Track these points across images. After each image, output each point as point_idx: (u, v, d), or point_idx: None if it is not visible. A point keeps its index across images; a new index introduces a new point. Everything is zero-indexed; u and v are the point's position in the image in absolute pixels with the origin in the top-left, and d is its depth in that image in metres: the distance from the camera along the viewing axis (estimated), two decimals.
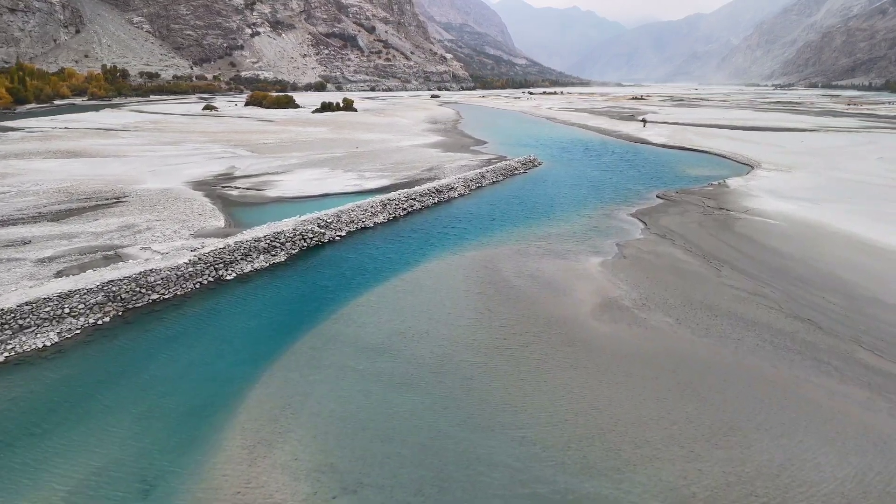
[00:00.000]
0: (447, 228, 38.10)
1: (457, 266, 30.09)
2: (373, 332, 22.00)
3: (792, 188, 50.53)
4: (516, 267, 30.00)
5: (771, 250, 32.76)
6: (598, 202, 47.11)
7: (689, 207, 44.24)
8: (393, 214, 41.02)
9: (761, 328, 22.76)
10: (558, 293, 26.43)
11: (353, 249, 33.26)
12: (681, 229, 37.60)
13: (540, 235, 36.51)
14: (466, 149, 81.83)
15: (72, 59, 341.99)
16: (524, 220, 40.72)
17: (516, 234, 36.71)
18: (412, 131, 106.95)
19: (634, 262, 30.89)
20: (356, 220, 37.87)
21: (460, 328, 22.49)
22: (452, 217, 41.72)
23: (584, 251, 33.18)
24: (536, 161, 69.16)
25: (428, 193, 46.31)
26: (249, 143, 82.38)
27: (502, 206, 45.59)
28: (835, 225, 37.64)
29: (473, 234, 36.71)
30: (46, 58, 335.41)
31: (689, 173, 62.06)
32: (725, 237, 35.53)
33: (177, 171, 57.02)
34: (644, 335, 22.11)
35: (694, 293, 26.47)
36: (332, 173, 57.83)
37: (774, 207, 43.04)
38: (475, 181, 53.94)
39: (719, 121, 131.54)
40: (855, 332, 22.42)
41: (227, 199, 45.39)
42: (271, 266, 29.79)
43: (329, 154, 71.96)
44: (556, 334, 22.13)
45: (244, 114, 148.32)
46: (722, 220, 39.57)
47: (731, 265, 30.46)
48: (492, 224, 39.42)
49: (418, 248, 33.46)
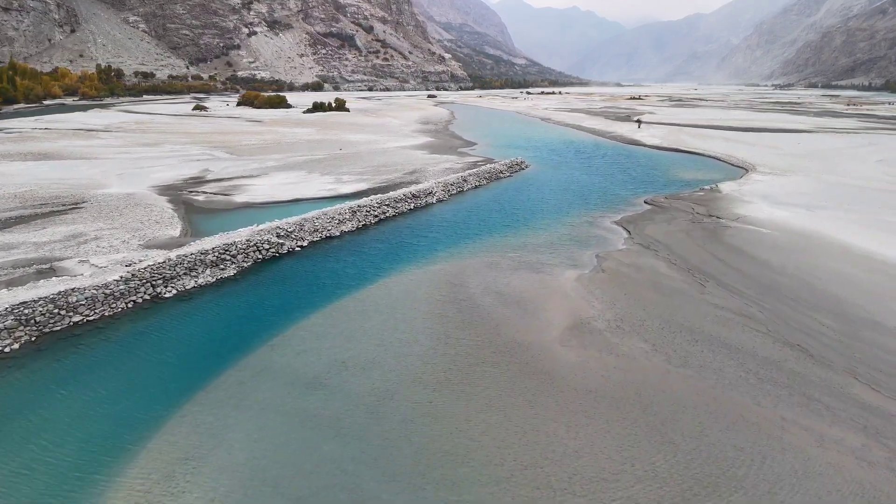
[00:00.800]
0: (418, 238, 35.75)
1: (420, 282, 27.74)
2: (311, 362, 19.66)
3: (787, 193, 48.18)
4: (485, 282, 27.65)
5: (761, 263, 30.42)
6: (582, 208, 44.76)
7: (677, 214, 41.89)
8: (363, 222, 38.67)
9: (745, 356, 20.42)
10: (526, 313, 24.09)
11: (312, 262, 30.91)
12: (666, 239, 35.25)
13: (516, 246, 34.16)
14: (454, 151, 79.51)
15: (66, 58, 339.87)
16: (502, 228, 38.37)
17: (491, 245, 34.36)
18: (402, 132, 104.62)
19: (613, 277, 28.55)
20: (321, 228, 35.51)
21: (410, 357, 20.15)
22: (426, 225, 39.37)
23: (561, 264, 30.84)
24: (524, 164, 66.82)
25: (403, 199, 43.97)
26: (231, 144, 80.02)
27: (481, 212, 43.24)
28: (831, 235, 35.29)
29: (445, 244, 34.36)
30: (41, 57, 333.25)
31: (680, 177, 59.72)
32: (713, 248, 33.18)
33: (146, 174, 54.66)
34: (615, 364, 19.77)
35: (674, 313, 24.13)
36: (308, 177, 55.49)
37: (767, 215, 40.70)
38: (456, 185, 51.59)
39: (716, 121, 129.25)
40: (850, 362, 20.09)
41: (190, 206, 43.05)
42: (219, 281, 27.44)
43: (310, 156, 69.61)
44: (516, 363, 19.80)
45: (234, 114, 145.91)
46: (711, 229, 37.21)
47: (717, 280, 28.12)
48: (467, 233, 37.07)
49: (382, 260, 31.10)
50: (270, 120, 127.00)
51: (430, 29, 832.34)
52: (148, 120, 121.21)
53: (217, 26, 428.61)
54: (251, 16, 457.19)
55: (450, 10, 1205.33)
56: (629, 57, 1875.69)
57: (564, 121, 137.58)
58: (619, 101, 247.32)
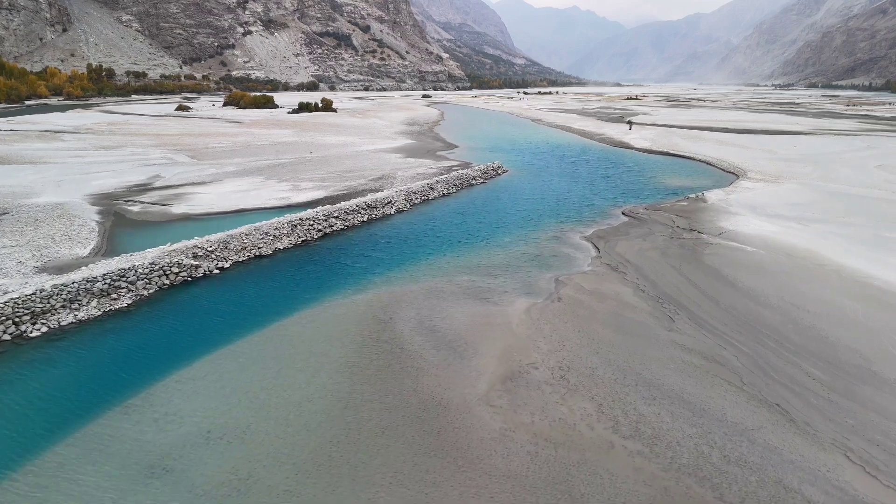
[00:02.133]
0: (359, 258, 31.77)
1: (342, 316, 23.76)
2: (166, 433, 15.71)
3: (778, 204, 44.18)
4: (419, 316, 23.69)
5: (742, 291, 26.43)
6: (553, 221, 40.78)
7: (655, 228, 37.90)
8: (303, 237, 34.70)
9: (711, 422, 16.47)
10: (456, 358, 20.15)
11: (226, 289, 26.94)
12: (638, 259, 31.28)
13: (468, 267, 30.20)
14: (432, 154, 75.57)
15: (58, 58, 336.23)
16: (457, 245, 34.39)
17: (440, 266, 30.39)
18: (383, 134, 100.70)
19: (569, 308, 24.58)
20: (249, 246, 31.55)
21: (292, 426, 16.19)
22: (375, 241, 35.39)
23: (514, 290, 26.88)
24: (501, 169, 62.85)
25: (356, 210, 40.01)
26: (197, 147, 76.06)
27: (440, 226, 39.26)
28: (823, 254, 31.30)
29: (387, 265, 30.39)
30: (32, 57, 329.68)
31: (665, 183, 55.72)
32: (689, 271, 29.20)
33: (89, 180, 50.76)
34: (548, 435, 15.82)
35: (633, 358, 20.16)
36: (264, 183, 51.55)
37: (754, 229, 36.70)
38: (421, 194, 47.62)
39: (711, 123, 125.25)
40: (841, 431, 16.14)
41: (121, 218, 39.14)
42: (107, 315, 23.48)
43: (276, 160, 65.66)
44: (423, 433, 15.85)
45: (216, 115, 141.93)
46: (690, 247, 33.23)
47: (688, 312, 24.15)
48: (417, 251, 33.10)
49: (307, 287, 27.12)
50: (251, 121, 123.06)
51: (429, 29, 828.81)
52: (124, 121, 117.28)
53: (211, 25, 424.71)
54: (246, 15, 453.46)
55: (449, 10, 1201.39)
56: (629, 57, 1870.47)
57: (555, 122, 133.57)
58: (615, 102, 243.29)
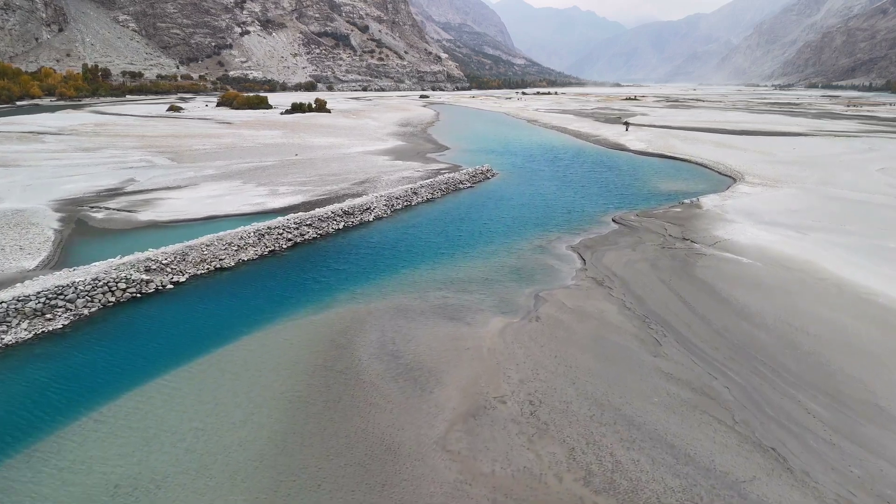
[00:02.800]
0: (325, 271, 29.66)
1: (297, 339, 21.67)
2: (65, 489, 13.61)
3: (776, 210, 42.09)
4: (383, 339, 21.62)
5: (736, 309, 24.34)
6: (539, 228, 38.69)
7: (646, 237, 35.81)
8: (271, 247, 32.61)
9: (697, 470, 14.39)
10: (416, 390, 18.08)
11: (177, 307, 24.84)
12: (626, 271, 29.19)
13: (443, 281, 28.12)
14: (421, 156, 73.51)
15: (53, 58, 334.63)
16: (435, 255, 32.31)
17: (413, 279, 28.31)
18: (374, 135, 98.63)
19: (548, 329, 22.50)
20: (210, 258, 29.47)
21: (215, 478, 14.09)
22: (348, 250, 33.31)
23: (490, 308, 24.80)
24: (490, 172, 60.76)
25: (331, 217, 37.92)
26: (180, 149, 73.98)
27: (420, 234, 37.17)
28: (824, 267, 29.20)
29: (355, 279, 28.30)
30: (27, 57, 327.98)
31: (659, 188, 53.63)
32: (680, 285, 27.11)
33: (58, 185, 48.70)
34: (509, 490, 13.74)
35: (613, 390, 18.09)
36: (241, 188, 49.49)
37: (751, 238, 34.61)
38: (403, 199, 45.54)
39: (709, 124, 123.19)
40: (844, 482, 14.07)
41: (83, 225, 37.08)
42: (38, 337, 21.40)
43: (259, 163, 63.59)
44: (365, 487, 13.77)
45: (208, 115, 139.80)
46: (682, 258, 31.14)
47: (677, 334, 22.07)
48: (391, 262, 31.01)
49: (265, 305, 25.03)
50: (242, 122, 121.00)
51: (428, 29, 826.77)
52: (111, 122, 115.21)
53: (209, 25, 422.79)
54: (244, 15, 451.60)
55: (449, 10, 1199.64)
56: (629, 57, 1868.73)
57: (550, 123, 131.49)
58: (614, 102, 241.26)
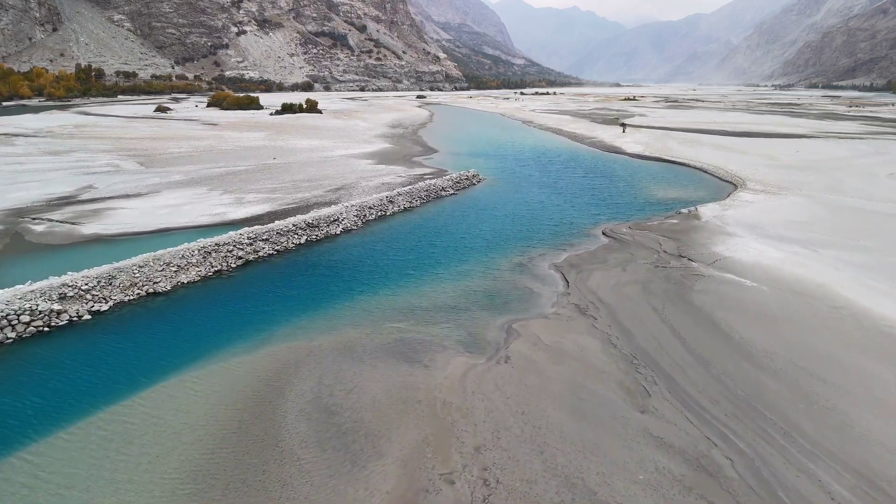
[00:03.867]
0: (270, 297, 26.12)
1: (217, 388, 18.18)
2: None
3: (781, 222, 38.58)
4: (319, 388, 18.15)
5: (740, 348, 20.83)
6: (522, 243, 35.19)
7: (638, 253, 32.32)
8: (218, 267, 29.12)
9: None
10: (346, 464, 14.59)
11: (86, 345, 21.31)
12: (613, 297, 25.69)
13: (404, 308, 24.62)
14: (407, 160, 70.05)
15: (47, 58, 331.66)
16: (401, 277, 28.82)
17: (370, 307, 24.82)
18: (361, 137, 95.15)
19: (516, 374, 19.03)
20: (144, 281, 25.98)
21: None
22: (303, 270, 29.81)
23: (453, 344, 21.33)
24: (476, 178, 57.26)
25: (291, 231, 34.41)
26: (153, 152, 70.49)
27: (389, 250, 33.68)
28: (840, 292, 25.70)
29: (303, 307, 24.81)
30: (20, 57, 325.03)
31: (656, 195, 50.13)
32: (674, 314, 23.62)
33: (9, 192, 45.42)
34: None
35: (588, 463, 14.60)
36: (205, 196, 46.02)
37: (754, 256, 31.09)
38: (377, 209, 42.06)
39: (709, 125, 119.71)
40: None
41: (18, 239, 33.64)
42: None
43: (231, 167, 60.11)
44: None
45: (195, 116, 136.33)
46: (677, 280, 27.63)
47: (669, 382, 18.59)
48: (348, 285, 27.51)
49: (190, 342, 21.53)
50: (228, 123, 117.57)
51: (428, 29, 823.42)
52: (93, 123, 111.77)
53: (205, 25, 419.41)
54: (241, 14, 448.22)
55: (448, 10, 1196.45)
56: (629, 57, 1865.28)
57: (546, 124, 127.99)
58: (612, 102, 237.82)
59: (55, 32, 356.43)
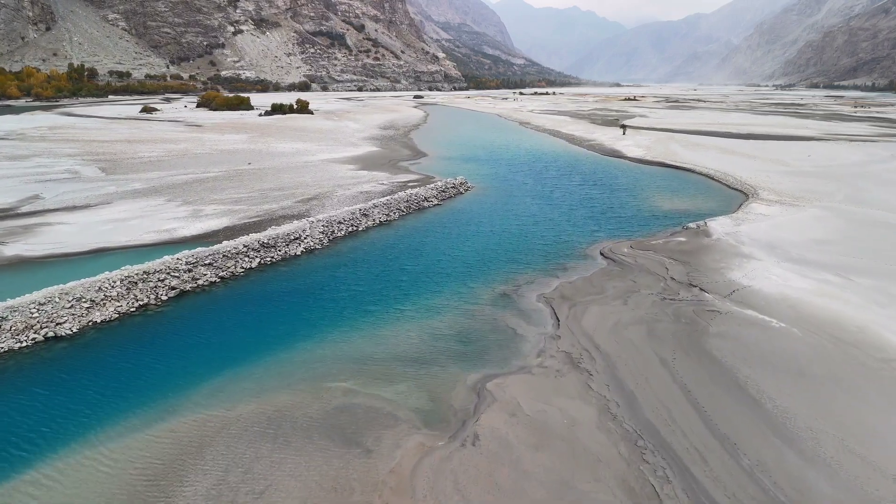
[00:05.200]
0: (192, 345, 21.50)
1: (79, 496, 13.60)
2: None
3: (804, 241, 33.98)
4: (218, 490, 13.58)
5: (778, 427, 16.21)
6: (508, 266, 30.61)
7: (641, 280, 27.73)
8: (145, 300, 24.54)
9: None
10: None
11: None
12: (612, 342, 21.12)
13: (356, 359, 20.06)
14: (392, 165, 65.47)
15: (39, 57, 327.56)
16: (358, 313, 24.20)
17: (313, 357, 20.23)
18: (349, 140, 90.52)
19: (485, 465, 14.45)
20: (44, 322, 21.39)
21: None
22: (247, 305, 25.20)
23: (410, 413, 16.79)
24: (464, 186, 52.67)
25: (241, 253, 29.81)
26: (121, 157, 65.89)
27: (353, 276, 29.08)
28: (887, 337, 21.09)
29: (230, 359, 20.20)
30: (12, 56, 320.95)
31: (659, 206, 45.54)
32: (688, 370, 19.05)
33: None
34: None
35: None
36: (160, 208, 41.44)
37: (778, 286, 26.51)
38: (348, 223, 37.47)
39: (713, 126, 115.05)
40: None
41: None
42: None
43: (200, 174, 55.51)
44: None
45: (180, 117, 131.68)
46: (689, 319, 23.04)
47: (685, 477, 14.01)
48: (294, 327, 22.90)
49: (73, 411, 16.96)
50: (213, 125, 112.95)
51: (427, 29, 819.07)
52: (70, 125, 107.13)
53: (201, 24, 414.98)
54: (237, 14, 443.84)
55: (448, 10, 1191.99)
56: (629, 57, 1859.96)
57: (544, 125, 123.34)
58: (612, 102, 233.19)
59: (48, 32, 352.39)
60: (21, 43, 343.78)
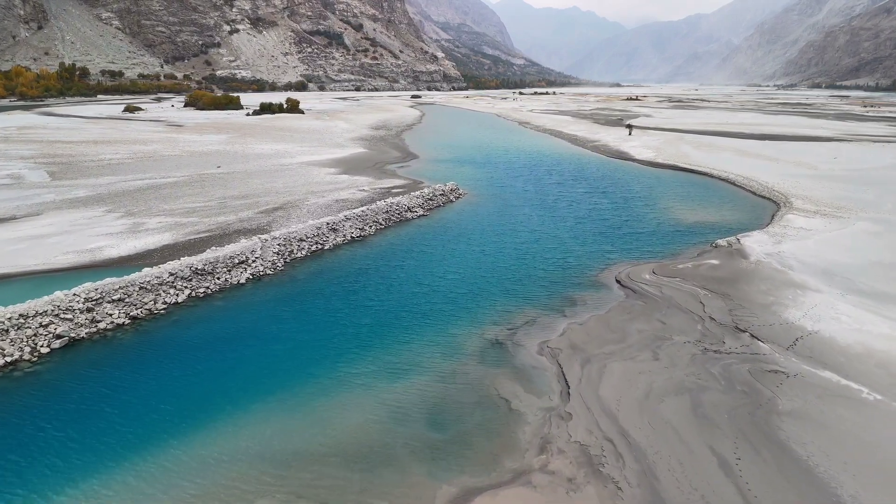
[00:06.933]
0: (53, 439, 15.36)
1: None
2: None
3: (865, 264, 27.77)
4: None
5: None
6: (500, 300, 24.39)
7: (672, 321, 21.54)
8: (16, 355, 18.34)
9: None
10: None
11: None
12: (643, 427, 14.92)
13: (276, 460, 13.86)
14: (378, 168, 59.29)
15: (31, 56, 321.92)
16: (295, 378, 17.99)
17: (207, 460, 14.05)
18: (336, 141, 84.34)
19: None
20: None
21: None
22: (153, 360, 18.99)
23: None
24: (455, 193, 46.49)
25: (166, 284, 23.60)
26: (78, 160, 59.70)
27: (301, 317, 22.83)
28: None
29: (93, 462, 14.04)
30: (3, 55, 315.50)
31: (679, 218, 39.34)
32: (762, 484, 12.87)
33: None
34: None
35: None
36: (95, 220, 35.25)
37: (853, 331, 20.28)
38: (310, 241, 31.27)
39: (723, 126, 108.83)
40: None
41: None
42: None
43: (160, 178, 49.34)
44: None
45: (162, 117, 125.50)
46: (746, 389, 16.80)
47: None
48: (204, 401, 16.69)
49: None
50: (195, 125, 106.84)
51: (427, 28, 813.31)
52: (41, 125, 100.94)
53: (196, 23, 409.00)
54: (233, 12, 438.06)
55: (448, 10, 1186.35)
56: (629, 57, 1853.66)
57: (544, 125, 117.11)
58: (614, 102, 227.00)
59: (40, 30, 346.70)
60: (12, 42, 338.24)
